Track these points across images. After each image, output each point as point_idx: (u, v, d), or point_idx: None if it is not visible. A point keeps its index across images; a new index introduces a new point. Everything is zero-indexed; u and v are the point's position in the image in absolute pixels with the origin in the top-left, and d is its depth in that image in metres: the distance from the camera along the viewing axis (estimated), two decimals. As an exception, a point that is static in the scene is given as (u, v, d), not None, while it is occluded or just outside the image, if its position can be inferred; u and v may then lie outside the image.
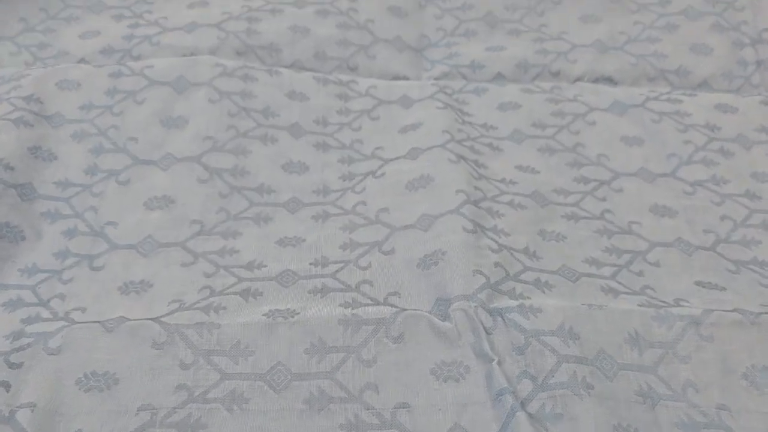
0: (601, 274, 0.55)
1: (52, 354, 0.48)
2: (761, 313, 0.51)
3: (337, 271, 0.55)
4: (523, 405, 0.44)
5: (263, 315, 0.50)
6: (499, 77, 0.75)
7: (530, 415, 0.44)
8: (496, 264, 0.53)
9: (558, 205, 0.61)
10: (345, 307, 0.51)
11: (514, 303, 0.49)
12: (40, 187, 0.62)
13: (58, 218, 0.60)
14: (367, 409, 0.46)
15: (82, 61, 0.74)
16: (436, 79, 0.75)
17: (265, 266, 0.56)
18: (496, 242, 0.55)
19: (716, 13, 0.80)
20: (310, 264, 0.56)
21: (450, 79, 0.75)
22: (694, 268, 0.57)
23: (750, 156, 0.67)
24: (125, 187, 0.62)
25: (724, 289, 0.55)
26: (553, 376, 0.46)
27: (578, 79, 0.75)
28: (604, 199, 0.63)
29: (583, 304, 0.50)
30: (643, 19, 0.80)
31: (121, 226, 0.59)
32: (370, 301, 0.51)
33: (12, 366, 0.47)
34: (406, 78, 0.75)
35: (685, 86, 0.75)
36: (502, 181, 0.63)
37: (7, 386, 0.46)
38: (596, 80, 0.75)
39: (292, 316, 0.50)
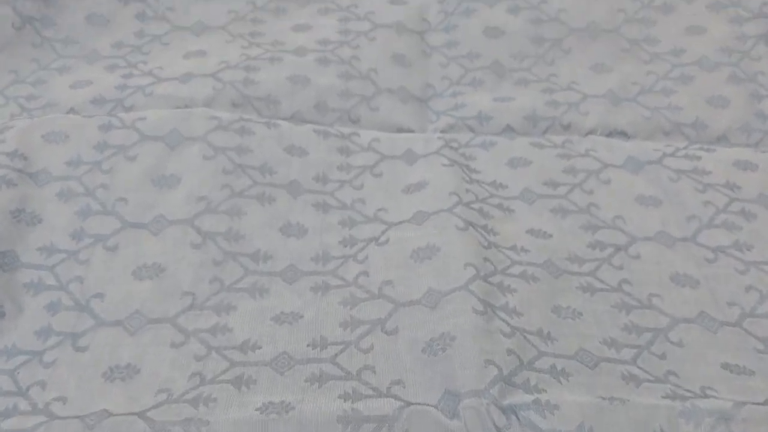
0: (621, 357, 0.51)
1: None
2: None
3: (336, 354, 0.51)
4: None
5: (256, 410, 0.46)
6: (507, 130, 0.72)
7: None
8: (509, 351, 0.49)
9: (572, 275, 0.58)
10: (345, 400, 0.47)
11: (529, 398, 0.45)
12: (23, 254, 0.58)
13: (42, 289, 0.56)
14: None
15: (71, 111, 0.70)
16: (441, 131, 0.72)
17: (260, 348, 0.52)
18: (508, 324, 0.52)
19: (732, 64, 0.77)
20: (308, 345, 0.52)
21: (456, 131, 0.72)
22: (720, 348, 0.53)
23: (773, 218, 0.63)
24: (113, 254, 0.59)
25: (752, 373, 0.51)
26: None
27: (590, 132, 0.72)
28: (621, 268, 0.59)
29: (603, 399, 0.46)
30: (657, 70, 0.77)
31: (108, 298, 0.56)
32: (372, 392, 0.48)
33: None
34: (410, 130, 0.72)
35: (702, 140, 0.72)
36: (513, 248, 0.59)
37: None
38: (609, 134, 0.72)
39: (287, 412, 0.46)
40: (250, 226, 0.61)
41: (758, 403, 0.47)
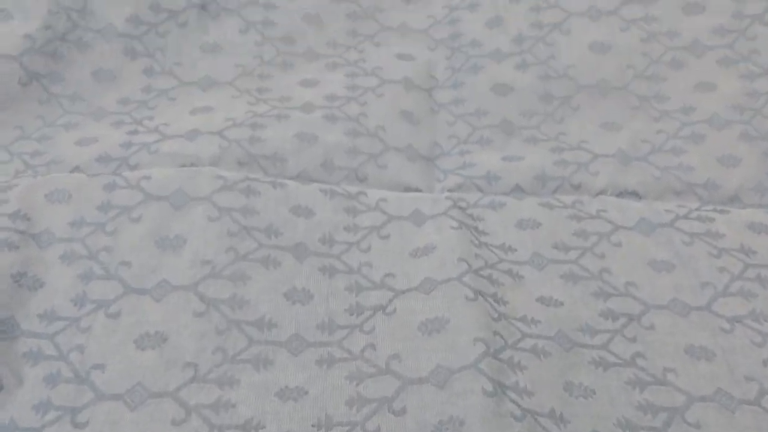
0: (637, 442, 0.50)
1: None
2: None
3: None
4: None
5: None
6: (516, 189, 0.71)
7: None
8: (521, 436, 0.47)
9: (584, 348, 0.56)
10: (351, 488, 0.45)
11: (542, 489, 0.44)
12: (23, 322, 0.57)
13: (41, 360, 0.55)
14: None
15: (76, 169, 0.70)
16: (449, 190, 0.71)
17: (264, 427, 0.50)
18: (519, 406, 0.50)
19: (744, 121, 0.76)
20: (313, 426, 0.50)
21: (464, 191, 0.71)
22: (738, 430, 0.51)
23: (789, 285, 0.62)
24: (115, 321, 0.57)
25: (773, 457, 0.50)
26: None
27: (601, 192, 0.71)
28: (634, 340, 0.57)
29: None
30: (667, 128, 0.76)
31: (108, 369, 0.54)
32: (379, 480, 0.46)
33: None
34: (418, 189, 0.71)
35: (714, 200, 0.70)
36: (524, 319, 0.58)
37: None
38: (620, 194, 0.71)
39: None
40: (254, 291, 0.60)
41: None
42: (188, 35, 0.83)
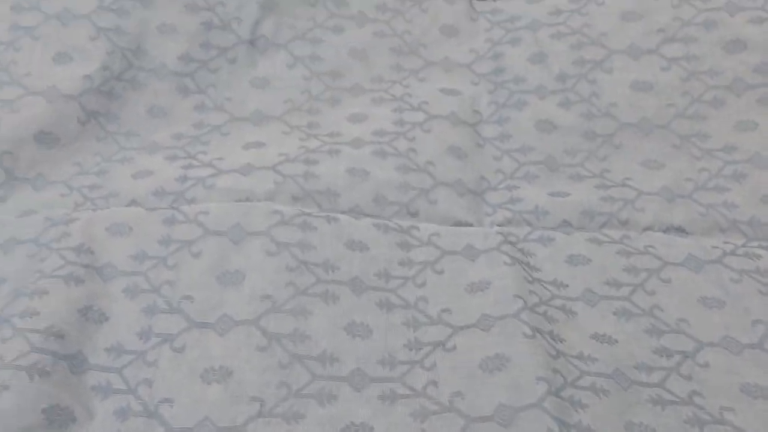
0: (701, 483, 0.51)
1: None
2: None
3: None
4: None
5: None
6: (564, 224, 0.72)
7: None
8: (590, 477, 0.48)
9: (642, 386, 0.57)
10: None
11: None
12: (90, 356, 0.58)
13: (110, 393, 0.56)
14: None
15: (133, 202, 0.72)
16: (499, 225, 0.72)
17: (333, 463, 0.52)
18: (585, 445, 0.51)
19: (785, 160, 0.78)
20: (382, 462, 0.52)
21: (514, 225, 0.72)
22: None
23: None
24: (180, 355, 0.59)
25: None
26: None
27: (648, 228, 0.72)
28: (690, 378, 0.58)
29: None
30: (709, 167, 0.77)
31: (176, 404, 0.55)
32: None
33: None
34: (468, 224, 0.72)
35: (759, 237, 0.71)
36: (580, 357, 0.59)
37: None
38: (666, 230, 0.72)
39: None
40: (315, 325, 0.61)
41: None
42: (238, 71, 0.85)
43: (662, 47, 0.85)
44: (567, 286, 0.66)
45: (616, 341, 0.61)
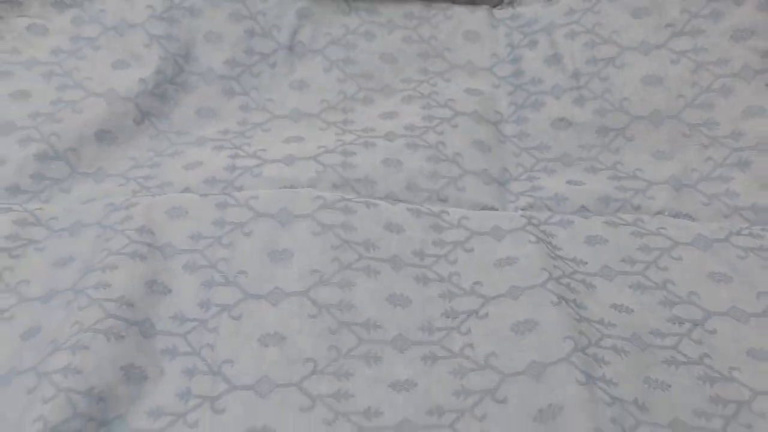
0: (712, 428, 0.56)
1: None
2: None
3: (453, 421, 0.56)
4: None
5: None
6: (582, 210, 0.78)
7: None
8: (613, 420, 0.54)
9: (657, 349, 0.63)
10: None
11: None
12: (157, 323, 0.65)
13: (177, 355, 0.63)
14: None
15: (186, 190, 0.78)
16: (522, 209, 0.79)
17: (382, 413, 0.57)
18: (608, 394, 0.57)
19: (790, 144, 0.82)
20: (426, 413, 0.57)
21: (536, 210, 0.79)
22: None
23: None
24: (238, 323, 0.65)
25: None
26: None
27: (659, 212, 0.78)
28: (700, 342, 0.64)
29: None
30: (715, 155, 0.82)
31: (237, 364, 0.62)
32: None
33: None
34: (494, 208, 0.79)
35: (762, 222, 0.77)
36: (601, 322, 0.65)
37: None
38: (676, 215, 0.78)
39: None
40: (359, 297, 0.67)
41: None
42: (278, 74, 0.93)
43: (671, 41, 0.90)
44: (586, 263, 0.72)
45: (633, 311, 0.67)
